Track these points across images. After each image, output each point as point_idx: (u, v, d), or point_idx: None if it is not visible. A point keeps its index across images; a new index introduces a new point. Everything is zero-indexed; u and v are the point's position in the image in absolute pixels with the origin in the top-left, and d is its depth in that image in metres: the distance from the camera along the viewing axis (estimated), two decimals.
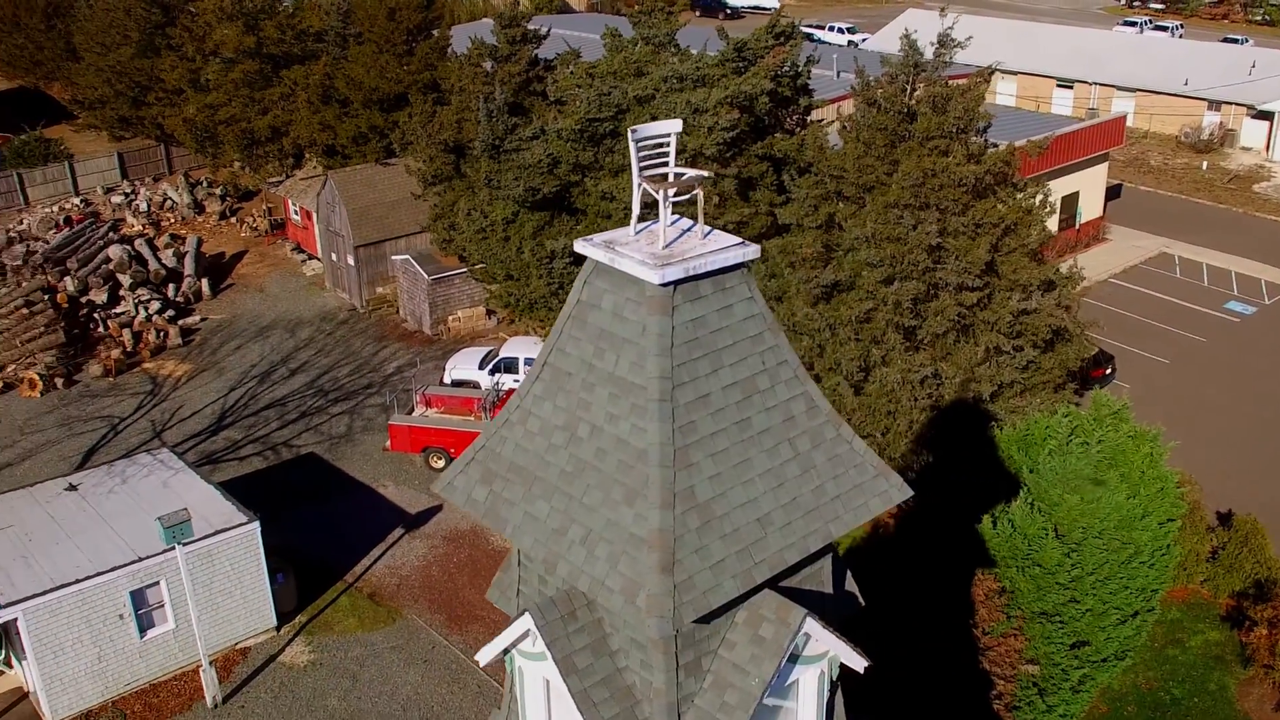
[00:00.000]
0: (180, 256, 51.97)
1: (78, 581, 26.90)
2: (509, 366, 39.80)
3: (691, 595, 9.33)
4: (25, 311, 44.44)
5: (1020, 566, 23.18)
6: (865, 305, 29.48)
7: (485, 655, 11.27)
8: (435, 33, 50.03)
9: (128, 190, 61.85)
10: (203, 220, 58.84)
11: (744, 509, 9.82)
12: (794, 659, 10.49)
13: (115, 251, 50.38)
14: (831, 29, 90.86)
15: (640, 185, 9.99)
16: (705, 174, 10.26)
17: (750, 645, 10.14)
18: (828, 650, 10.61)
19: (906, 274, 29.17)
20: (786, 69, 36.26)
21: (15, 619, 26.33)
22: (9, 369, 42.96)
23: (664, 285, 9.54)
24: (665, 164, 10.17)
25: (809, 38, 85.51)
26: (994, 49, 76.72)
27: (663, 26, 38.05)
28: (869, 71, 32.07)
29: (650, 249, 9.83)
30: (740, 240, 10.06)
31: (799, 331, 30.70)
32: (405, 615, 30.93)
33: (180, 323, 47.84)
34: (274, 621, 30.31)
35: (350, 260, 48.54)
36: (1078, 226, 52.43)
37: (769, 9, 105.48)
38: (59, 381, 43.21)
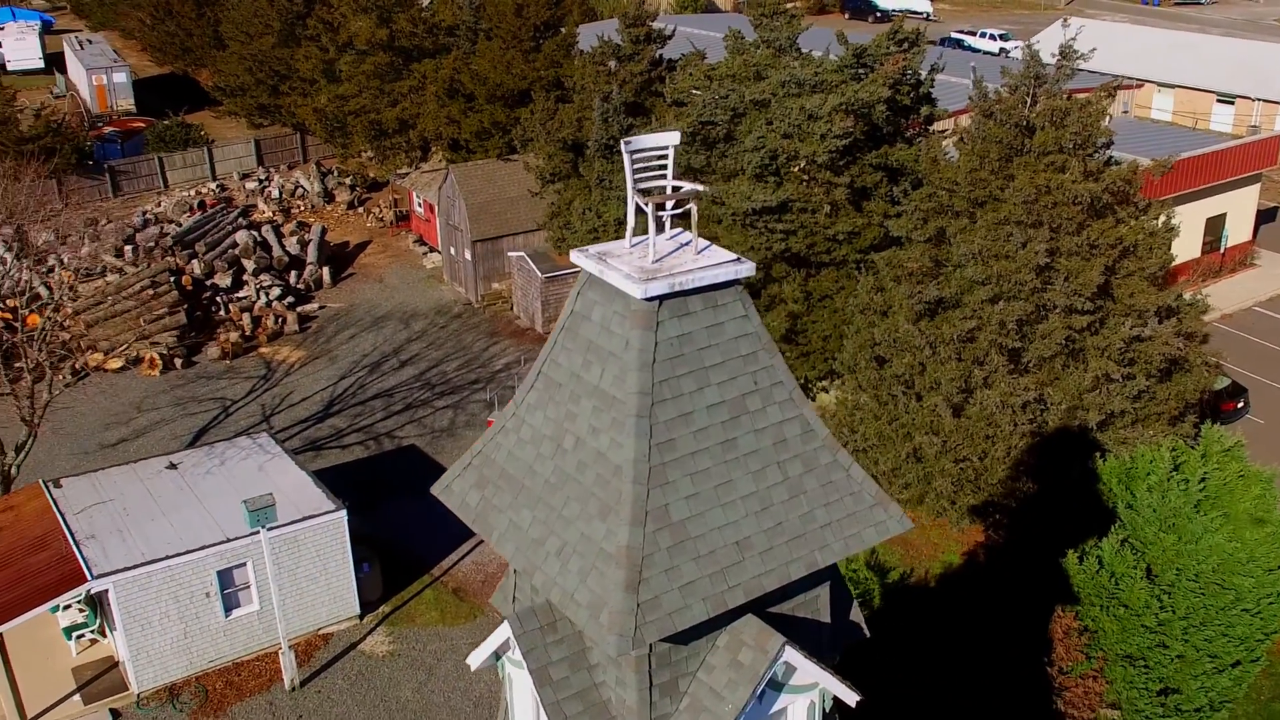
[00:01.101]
0: (304, 244, 53.64)
1: (167, 558, 28.03)
2: None
3: (656, 615, 9.36)
4: (150, 292, 46.39)
5: (1104, 605, 22.52)
6: (969, 324, 28.94)
7: (475, 659, 11.48)
8: (563, 29, 50.62)
9: (262, 177, 64.07)
10: (331, 209, 60.61)
11: (722, 531, 9.80)
12: (779, 687, 10.45)
13: (242, 237, 52.24)
14: (983, 35, 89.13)
15: (633, 197, 10.04)
16: (700, 188, 10.27)
17: (728, 670, 10.12)
18: (817, 682, 10.53)
19: (1013, 294, 28.55)
20: (907, 77, 35.77)
21: (107, 590, 27.60)
22: (132, 347, 44.90)
23: (648, 300, 9.58)
24: (662, 176, 10.21)
25: (959, 44, 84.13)
26: (1152, 61, 74.43)
27: (784, 30, 37.88)
28: (987, 81, 31.48)
29: (640, 262, 9.89)
30: (735, 257, 10.04)
31: (900, 348, 30.31)
32: (487, 613, 31.43)
33: (299, 309, 49.37)
34: (357, 610, 31.11)
35: (467, 255, 49.46)
36: (1223, 250, 50.49)
37: (920, 13, 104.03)
38: (178, 362, 45.03)
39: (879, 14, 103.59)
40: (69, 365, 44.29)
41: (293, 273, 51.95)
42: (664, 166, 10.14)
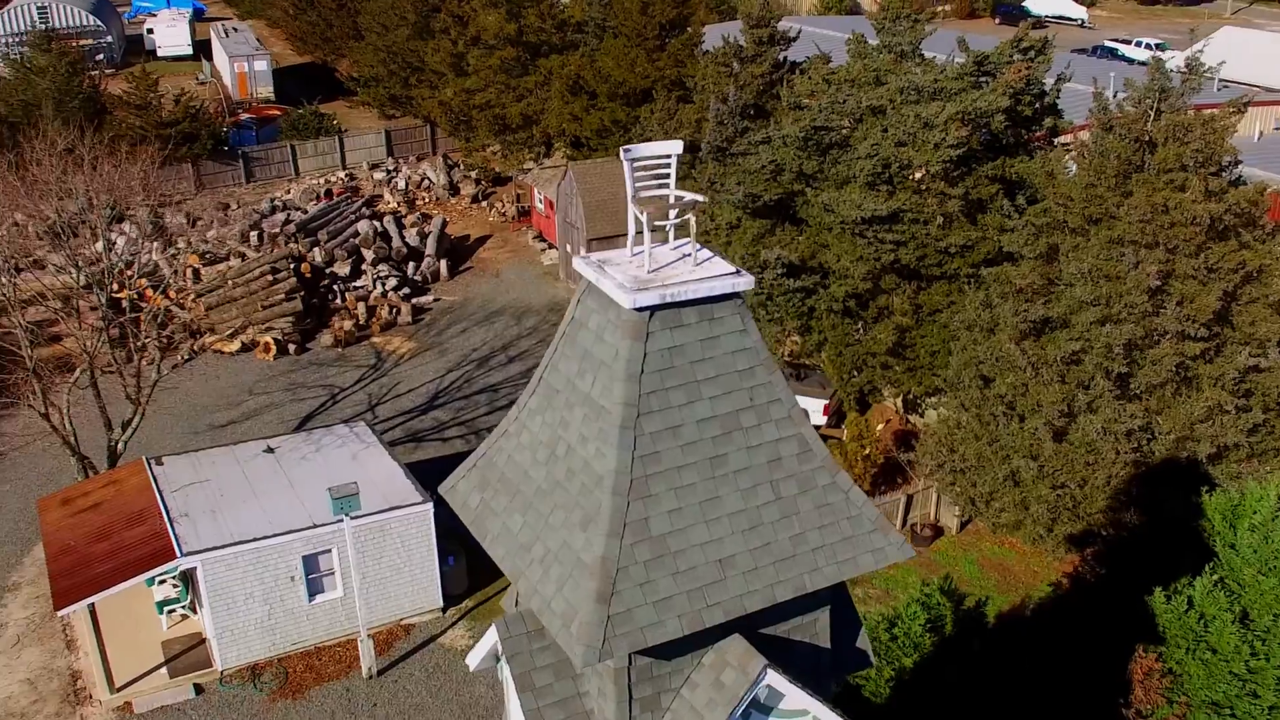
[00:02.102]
0: (424, 236, 54.77)
1: (255, 540, 28.93)
2: None
3: (627, 629, 9.41)
4: (270, 278, 47.88)
5: (1191, 648, 21.75)
6: (1074, 346, 28.21)
7: (473, 660, 11.68)
8: (689, 29, 50.75)
9: (390, 168, 65.59)
10: (455, 202, 61.75)
11: (704, 548, 9.80)
12: (766, 711, 10.40)
13: (364, 227, 53.59)
14: (1139, 44, 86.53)
15: (632, 206, 10.09)
16: (700, 198, 10.28)
17: (710, 690, 10.12)
18: (808, 709, 10.45)
19: (1122, 316, 27.75)
20: (1031, 87, 35.00)
21: (195, 568, 28.63)
22: (248, 332, 46.41)
23: (638, 310, 9.63)
24: (664, 185, 10.24)
25: (1112, 54, 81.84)
26: None
27: (907, 35, 37.42)
28: (1108, 93, 30.63)
29: (637, 272, 9.94)
30: (733, 270, 10.02)
31: (1003, 367, 29.71)
32: None
33: (414, 301, 50.41)
34: (440, 603, 31.69)
35: (583, 253, 49.85)
36: None
37: (1075, 20, 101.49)
38: (292, 348, 46.39)
39: (1031, 20, 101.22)
40: (187, 346, 46.02)
41: (411, 264, 53.08)
42: (666, 176, 10.16)
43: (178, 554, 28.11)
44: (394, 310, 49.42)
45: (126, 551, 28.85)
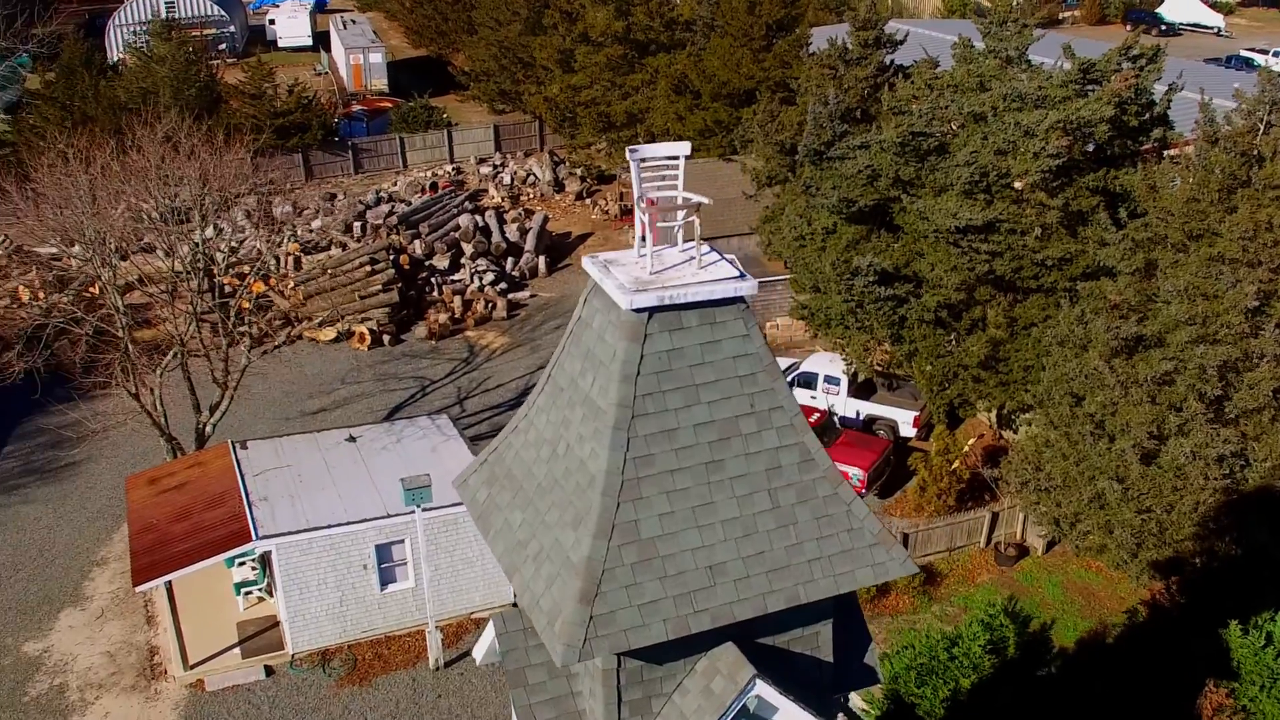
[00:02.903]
0: (524, 232, 55.36)
1: (329, 526, 29.60)
2: (806, 381, 39.91)
3: (610, 630, 9.48)
4: (368, 268, 48.84)
5: (1266, 686, 21.09)
6: (1166, 366, 27.51)
7: (477, 654, 11.86)
8: (797, 30, 50.55)
9: (497, 163, 66.42)
10: (559, 199, 62.28)
11: (695, 553, 9.83)
12: None
13: (465, 221, 54.36)
14: (1277, 54, 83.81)
15: (637, 206, 10.17)
16: (702, 200, 10.31)
17: (699, 696, 10.16)
18: None
19: (1218, 336, 26.99)
20: (1139, 96, 34.19)
21: (271, 551, 29.40)
22: (344, 321, 47.42)
23: (636, 311, 9.71)
24: (672, 186, 10.29)
25: (1247, 64, 79.40)
26: None
27: (1014, 40, 36.78)
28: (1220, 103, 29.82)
29: (639, 273, 10.02)
30: (737, 274, 10.04)
31: (1093, 385, 29.09)
32: None
33: (510, 296, 51.01)
34: (511, 598, 32.05)
35: None
36: None
37: (1210, 28, 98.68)
38: (386, 338, 47.29)
39: (1164, 27, 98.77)
40: (284, 334, 47.16)
41: (510, 259, 53.71)
42: (672, 177, 10.22)
43: (254, 537, 28.88)
44: (489, 305, 50.06)
45: (205, 532, 29.72)
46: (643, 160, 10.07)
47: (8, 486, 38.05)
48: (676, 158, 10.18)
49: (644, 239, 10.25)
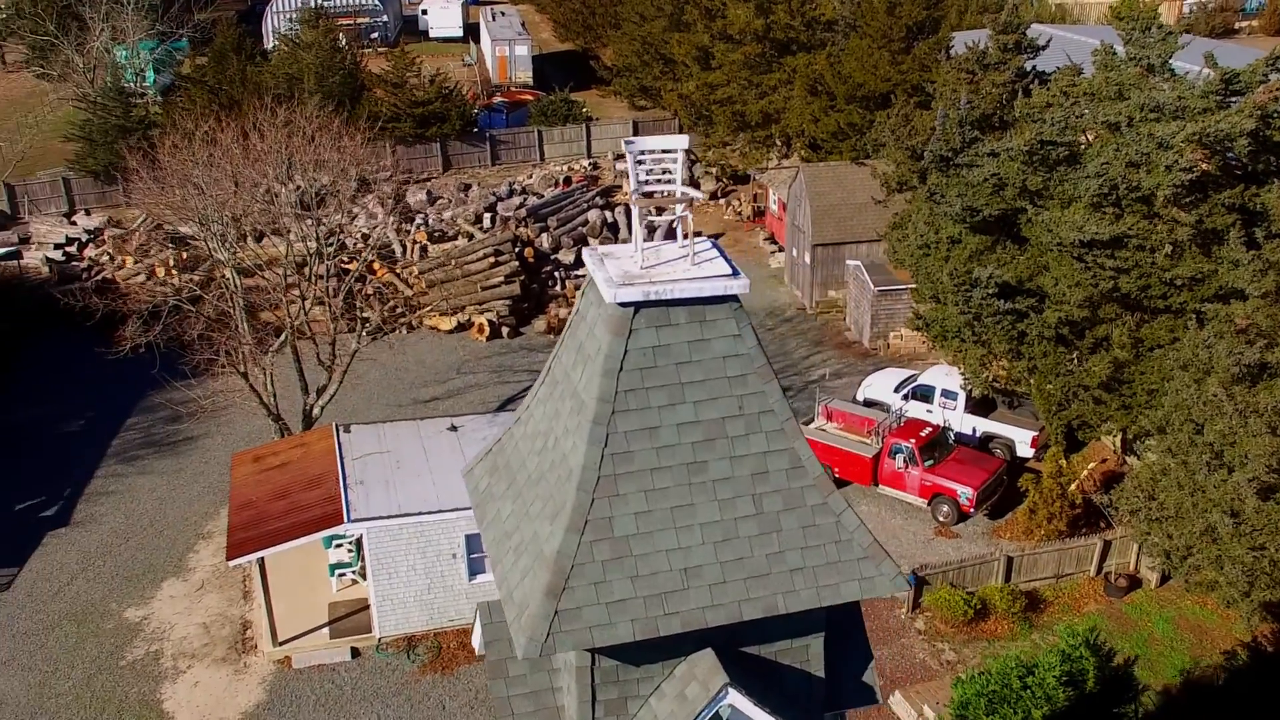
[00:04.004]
0: (651, 230, 55.46)
1: (420, 514, 30.17)
2: (923, 394, 39.25)
3: (574, 626, 9.50)
4: (493, 260, 49.61)
5: None
6: None
7: (476, 643, 11.99)
8: (939, 33, 49.71)
9: None
10: None
11: (670, 555, 9.78)
12: None
13: (593, 216, 54.84)
14: None
15: (633, 200, 10.16)
16: (696, 195, 10.25)
17: (674, 701, 10.12)
18: None
19: None
20: None
21: (361, 535, 30.11)
22: (465, 311, 48.24)
23: (622, 305, 9.71)
24: (670, 181, 10.26)
25: None
26: None
27: (1156, 47, 35.62)
28: None
29: (630, 267, 10.01)
30: (729, 272, 9.97)
31: (1212, 412, 28.00)
32: None
33: None
34: None
35: (807, 258, 49.66)
36: None
37: None
38: (505, 331, 47.97)
39: None
40: (405, 321, 48.20)
41: None
42: (670, 171, 10.19)
43: (345, 520, 29.59)
44: None
45: (300, 512, 30.56)
46: (640, 152, 10.05)
47: (128, 457, 39.71)
48: (675, 151, 10.14)
49: (652, 233, 10.23)
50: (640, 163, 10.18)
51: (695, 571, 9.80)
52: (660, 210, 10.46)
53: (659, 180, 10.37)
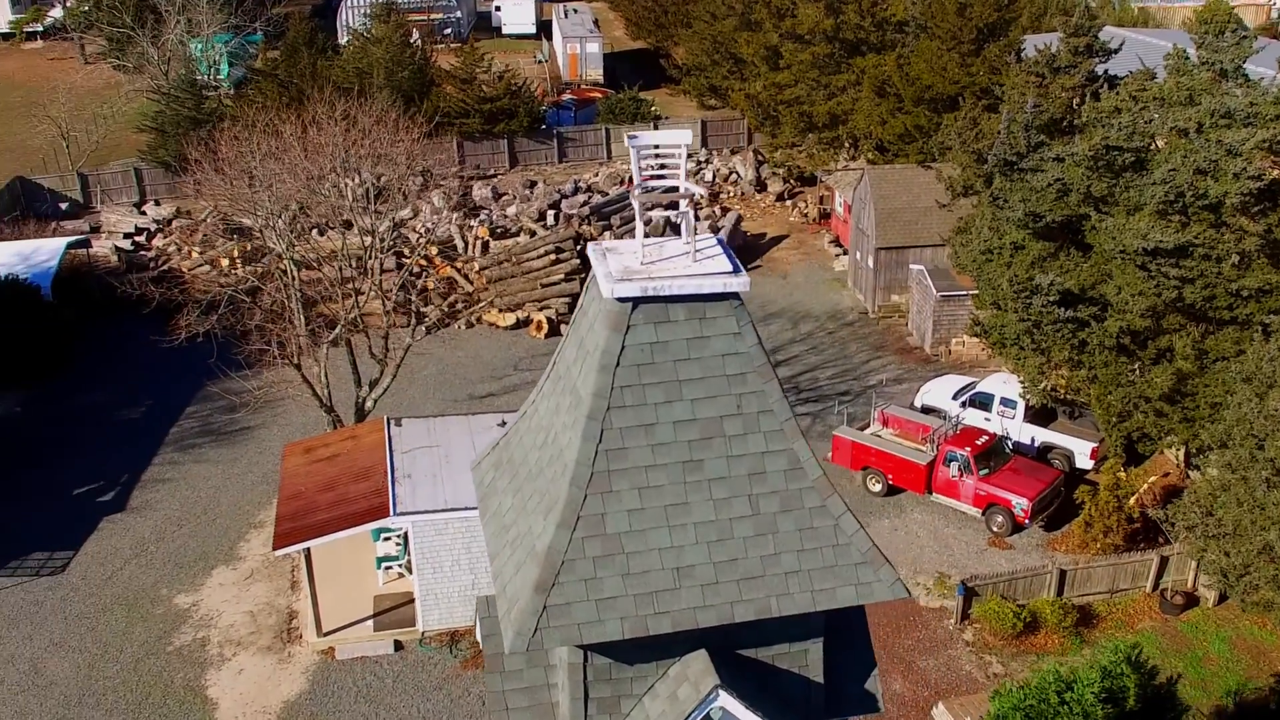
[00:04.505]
0: (715, 230, 55.47)
1: (466, 509, 30.33)
2: (982, 402, 38.82)
3: (563, 623, 9.52)
4: (553, 257, 49.80)
5: None
6: None
7: (479, 634, 12.05)
8: (1010, 35, 49.12)
9: (701, 159, 66.69)
10: (760, 199, 62.18)
11: (663, 553, 9.76)
12: None
13: (656, 215, 54.67)
14: None
15: (635, 195, 10.16)
16: (698, 191, 10.21)
17: (665, 702, 10.11)
18: None
19: None
20: None
21: (407, 529, 30.37)
22: (524, 308, 48.48)
23: (620, 300, 9.70)
24: (673, 176, 10.24)
25: None
26: None
27: (1230, 51, 34.94)
28: None
29: (631, 262, 10.01)
30: (729, 269, 9.93)
31: (1272, 426, 27.41)
32: None
33: None
34: None
35: (870, 262, 49.31)
36: None
37: None
38: (564, 328, 48.09)
39: None
40: (465, 316, 48.56)
41: None
42: (673, 167, 10.17)
43: (391, 513, 29.86)
44: None
45: (346, 504, 30.88)
46: (643, 148, 10.05)
47: (185, 445, 40.39)
48: (679, 146, 10.12)
49: (674, 229, 10.22)
50: (644, 158, 10.16)
51: (688, 571, 9.78)
52: (671, 205, 10.42)
53: (661, 175, 10.34)
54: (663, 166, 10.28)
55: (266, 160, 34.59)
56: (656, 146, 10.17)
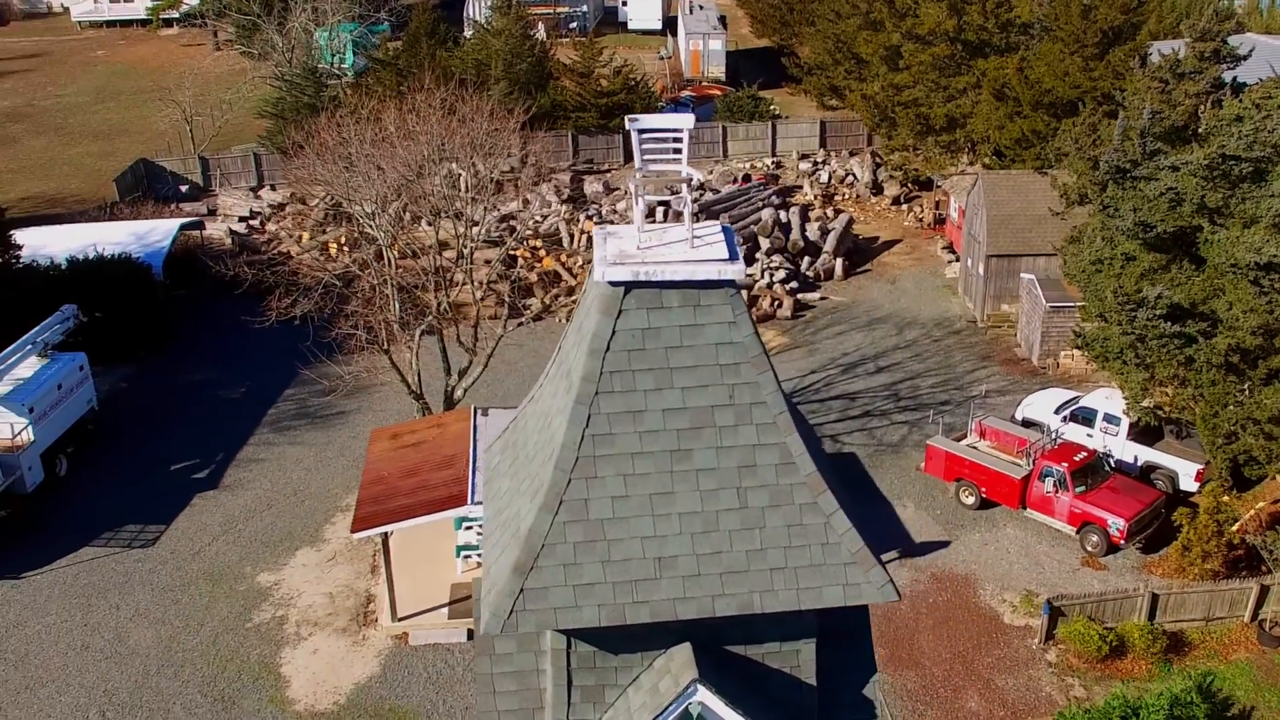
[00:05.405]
0: (826, 232, 55.03)
1: None
2: (1084, 417, 37.93)
3: (539, 606, 9.55)
4: None
5: None
6: None
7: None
8: (1136, 39, 47.88)
9: (818, 160, 66.24)
10: (875, 202, 61.53)
11: (645, 542, 9.74)
12: None
13: (766, 215, 54.59)
14: None
15: (636, 179, 10.15)
16: (697, 175, 10.16)
17: (647, 694, 10.10)
18: None
19: None
20: None
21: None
22: None
23: (612, 284, 9.71)
24: (675, 161, 10.20)
25: None
26: None
27: None
28: None
29: (627, 246, 10.00)
30: (724, 257, 9.84)
31: None
32: None
33: (799, 296, 50.87)
34: None
35: (980, 269, 48.49)
36: None
37: None
38: None
39: None
40: (566, 308, 48.92)
41: (806, 258, 53.55)
42: (675, 151, 10.13)
43: (469, 501, 30.21)
44: (775, 303, 50.12)
45: (427, 491, 31.34)
46: (644, 130, 10.04)
47: (282, 427, 41.38)
48: (680, 130, 10.09)
49: (649, 213, 10.21)
50: (645, 141, 10.15)
51: (670, 562, 9.74)
52: (672, 190, 10.40)
53: (663, 161, 10.31)
54: (667, 151, 10.25)
55: (364, 147, 35.19)
56: (658, 130, 10.14)
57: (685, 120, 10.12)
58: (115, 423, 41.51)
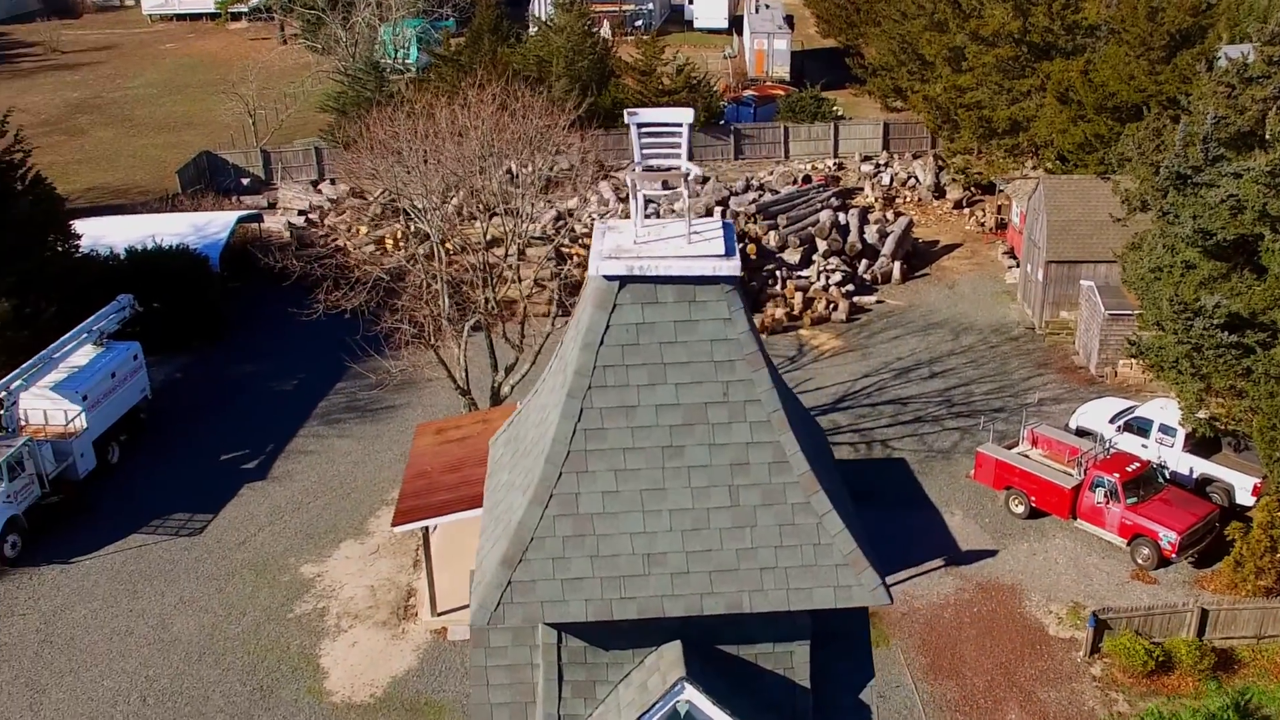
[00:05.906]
0: (884, 235, 54.69)
1: None
2: (1140, 427, 37.42)
3: (526, 599, 9.63)
4: None
5: None
6: None
7: None
8: (1204, 42, 47.15)
9: (881, 162, 65.83)
10: (936, 205, 61.07)
11: (634, 538, 9.78)
12: None
13: (824, 216, 54.37)
14: None
15: (633, 173, 10.18)
16: (698, 170, 10.17)
17: (636, 691, 10.14)
18: None
19: None
20: None
21: None
22: None
23: (606, 278, 9.76)
24: (674, 156, 10.22)
25: None
26: None
27: None
28: None
29: (624, 240, 10.04)
30: (720, 253, 9.86)
31: None
32: (890, 644, 31.08)
33: (855, 299, 50.61)
34: None
35: (1039, 275, 47.98)
36: None
37: None
38: None
39: None
40: None
41: (864, 261, 53.26)
42: (674, 146, 10.15)
43: None
44: (831, 305, 49.91)
45: (469, 486, 31.47)
46: (643, 125, 10.07)
47: (331, 419, 41.85)
48: (679, 124, 10.11)
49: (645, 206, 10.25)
50: (644, 135, 10.18)
51: (659, 558, 9.78)
52: (667, 185, 10.43)
53: (662, 155, 10.34)
54: (666, 146, 10.27)
55: (413, 142, 35.47)
56: (657, 124, 10.17)
57: (684, 114, 10.14)
58: (168, 412, 42.17)
